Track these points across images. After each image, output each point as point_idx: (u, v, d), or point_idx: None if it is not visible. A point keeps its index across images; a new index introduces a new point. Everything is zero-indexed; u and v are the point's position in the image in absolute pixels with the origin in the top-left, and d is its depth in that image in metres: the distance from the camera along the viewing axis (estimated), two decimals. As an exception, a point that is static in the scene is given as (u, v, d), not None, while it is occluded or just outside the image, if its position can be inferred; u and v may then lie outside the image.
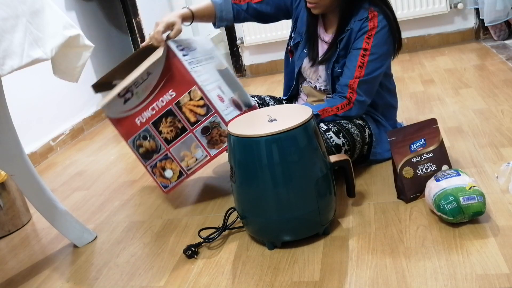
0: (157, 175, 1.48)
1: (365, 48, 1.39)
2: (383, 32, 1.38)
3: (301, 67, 1.58)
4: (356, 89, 1.40)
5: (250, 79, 3.25)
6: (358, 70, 1.40)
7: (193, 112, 1.36)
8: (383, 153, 1.53)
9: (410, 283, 0.98)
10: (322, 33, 1.52)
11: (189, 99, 1.34)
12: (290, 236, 1.18)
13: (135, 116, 1.41)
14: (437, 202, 1.14)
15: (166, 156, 1.43)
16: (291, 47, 1.63)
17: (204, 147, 1.39)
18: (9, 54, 1.02)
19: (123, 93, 1.39)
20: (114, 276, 1.22)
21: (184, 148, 1.41)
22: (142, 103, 1.39)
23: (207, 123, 1.36)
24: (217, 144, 1.38)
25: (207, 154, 1.40)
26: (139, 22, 3.22)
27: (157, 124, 1.40)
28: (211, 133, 1.36)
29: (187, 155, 1.41)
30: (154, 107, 1.38)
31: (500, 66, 2.35)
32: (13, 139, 1.26)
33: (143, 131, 1.42)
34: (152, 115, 1.39)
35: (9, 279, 1.32)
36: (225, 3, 1.59)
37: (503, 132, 1.60)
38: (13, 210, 1.61)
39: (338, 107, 1.44)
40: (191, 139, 1.39)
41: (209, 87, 1.36)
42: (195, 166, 1.42)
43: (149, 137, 1.42)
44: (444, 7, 2.90)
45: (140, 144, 1.45)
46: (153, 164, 1.46)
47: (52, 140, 2.41)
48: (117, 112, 1.43)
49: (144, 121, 1.41)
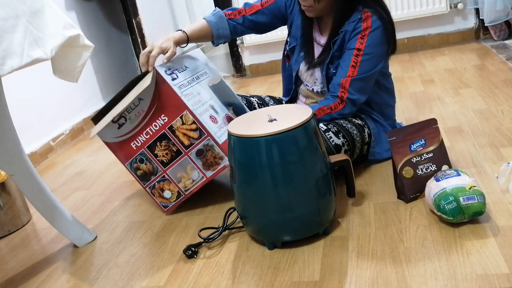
0: (156, 195, 1.50)
1: (359, 48, 1.39)
2: (377, 33, 1.38)
3: (298, 70, 1.59)
4: (348, 88, 1.40)
5: (250, 79, 3.25)
6: (351, 70, 1.40)
7: (187, 136, 1.38)
8: (382, 153, 1.53)
9: (410, 283, 0.98)
10: (317, 37, 1.53)
11: (181, 123, 1.37)
12: (290, 236, 1.18)
13: (131, 141, 1.44)
14: (437, 202, 1.14)
15: (163, 178, 1.46)
16: (288, 52, 1.64)
17: (199, 169, 1.41)
18: (9, 54, 1.02)
19: (116, 119, 1.42)
20: (114, 276, 1.22)
21: (181, 170, 1.43)
22: (136, 128, 1.41)
23: (201, 146, 1.38)
24: (212, 166, 1.40)
25: (203, 176, 1.42)
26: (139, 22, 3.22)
27: (152, 148, 1.42)
28: (205, 156, 1.39)
29: (184, 176, 1.44)
30: (148, 131, 1.40)
31: (500, 66, 2.35)
32: (13, 139, 1.26)
33: (139, 154, 1.45)
34: (147, 139, 1.42)
35: (9, 279, 1.32)
36: (220, 20, 1.59)
37: (503, 132, 1.61)
38: (13, 210, 1.61)
39: (331, 107, 1.44)
40: (187, 161, 1.41)
41: (201, 110, 1.38)
42: (193, 187, 1.45)
43: (146, 160, 1.45)
44: (444, 7, 2.90)
45: (137, 167, 1.47)
46: (152, 186, 1.49)
47: (52, 140, 2.41)
48: (112, 137, 1.45)
49: (139, 145, 1.43)
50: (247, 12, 1.59)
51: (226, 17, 1.60)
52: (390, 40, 1.41)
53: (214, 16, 1.60)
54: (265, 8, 1.58)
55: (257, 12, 1.59)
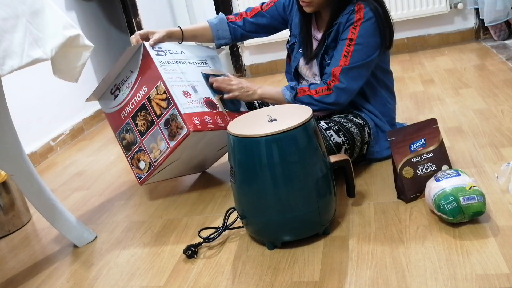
0: (134, 166, 1.53)
1: (351, 38, 1.40)
2: (369, 23, 1.38)
3: (298, 66, 1.61)
4: (338, 76, 1.41)
5: (250, 79, 3.25)
6: (343, 59, 1.40)
7: (159, 106, 1.42)
8: (382, 151, 1.53)
9: (410, 283, 0.98)
10: (315, 33, 1.55)
11: (156, 93, 1.42)
12: (290, 236, 1.18)
13: (120, 111, 1.52)
14: (437, 202, 1.14)
15: (140, 148, 1.50)
16: (288, 50, 1.66)
17: (166, 139, 1.43)
18: (9, 54, 1.02)
19: (113, 90, 1.52)
20: (114, 276, 1.22)
21: (153, 140, 1.46)
22: (126, 98, 1.50)
23: (168, 116, 1.41)
24: (175, 136, 1.41)
25: (167, 146, 1.43)
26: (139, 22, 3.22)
27: (134, 118, 1.49)
28: (170, 126, 1.41)
29: (155, 147, 1.47)
30: (133, 102, 1.48)
31: (500, 66, 2.35)
32: (13, 139, 1.26)
33: (125, 124, 1.51)
34: (132, 109, 1.49)
35: (9, 279, 1.32)
36: (220, 23, 1.66)
37: (503, 132, 1.61)
38: (13, 210, 1.61)
39: (316, 90, 1.44)
40: (157, 132, 1.45)
41: (175, 83, 1.43)
42: (160, 158, 1.46)
43: (129, 130, 1.51)
44: (444, 7, 2.90)
45: (123, 137, 1.53)
46: (131, 156, 1.53)
47: (52, 140, 2.41)
48: (109, 107, 1.55)
49: (126, 115, 1.50)
50: (248, 15, 1.65)
51: (228, 20, 1.66)
52: (384, 32, 1.41)
53: (215, 18, 1.68)
54: (265, 11, 1.63)
55: (257, 14, 1.64)
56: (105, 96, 1.55)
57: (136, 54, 1.47)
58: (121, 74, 1.50)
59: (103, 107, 1.57)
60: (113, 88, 1.52)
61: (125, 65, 1.50)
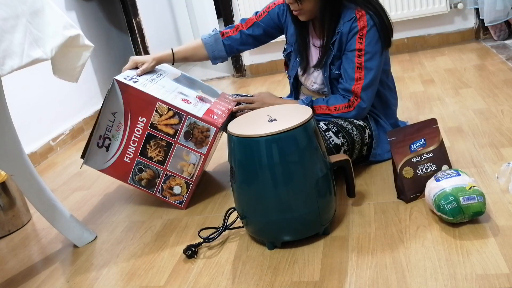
0: (168, 196, 1.50)
1: (359, 48, 1.39)
2: (373, 31, 1.38)
3: (297, 75, 1.62)
4: (360, 95, 1.42)
5: (250, 79, 3.25)
6: (357, 72, 1.40)
7: (169, 125, 1.39)
8: (383, 154, 1.53)
9: (410, 283, 0.98)
10: (313, 40, 1.53)
11: (159, 116, 1.38)
12: (290, 236, 1.18)
13: (122, 157, 1.44)
14: (437, 202, 1.14)
15: (167, 176, 1.46)
16: (285, 59, 1.67)
17: (194, 150, 1.42)
18: (9, 54, 1.02)
19: (101, 143, 1.43)
20: (114, 276, 1.22)
21: (178, 160, 1.44)
22: (122, 141, 1.42)
23: (185, 128, 1.39)
24: (204, 141, 1.41)
25: (200, 155, 1.42)
26: (139, 22, 3.22)
27: (144, 153, 1.43)
28: (193, 135, 1.40)
29: (184, 165, 1.44)
30: (134, 139, 1.41)
31: (500, 66, 2.35)
32: (13, 139, 1.26)
33: (136, 165, 1.45)
34: (136, 147, 1.42)
35: (9, 279, 1.32)
36: (216, 43, 1.63)
37: (503, 132, 1.61)
38: (13, 210, 1.61)
39: (336, 107, 1.44)
40: (180, 149, 1.42)
41: (171, 97, 1.41)
42: (196, 171, 1.45)
43: (144, 167, 1.45)
44: (444, 7, 2.90)
45: (139, 178, 1.48)
46: (160, 189, 1.49)
47: (52, 140, 2.41)
48: (105, 161, 1.46)
49: (132, 156, 1.44)
50: (243, 27, 1.63)
51: (223, 37, 1.63)
52: (384, 34, 1.41)
53: (211, 37, 1.64)
54: (260, 20, 1.61)
55: (253, 25, 1.62)
56: (93, 154, 1.44)
57: (111, 94, 1.37)
58: (101, 124, 1.40)
59: (96, 165, 1.46)
60: (99, 142, 1.42)
61: (101, 113, 1.40)
